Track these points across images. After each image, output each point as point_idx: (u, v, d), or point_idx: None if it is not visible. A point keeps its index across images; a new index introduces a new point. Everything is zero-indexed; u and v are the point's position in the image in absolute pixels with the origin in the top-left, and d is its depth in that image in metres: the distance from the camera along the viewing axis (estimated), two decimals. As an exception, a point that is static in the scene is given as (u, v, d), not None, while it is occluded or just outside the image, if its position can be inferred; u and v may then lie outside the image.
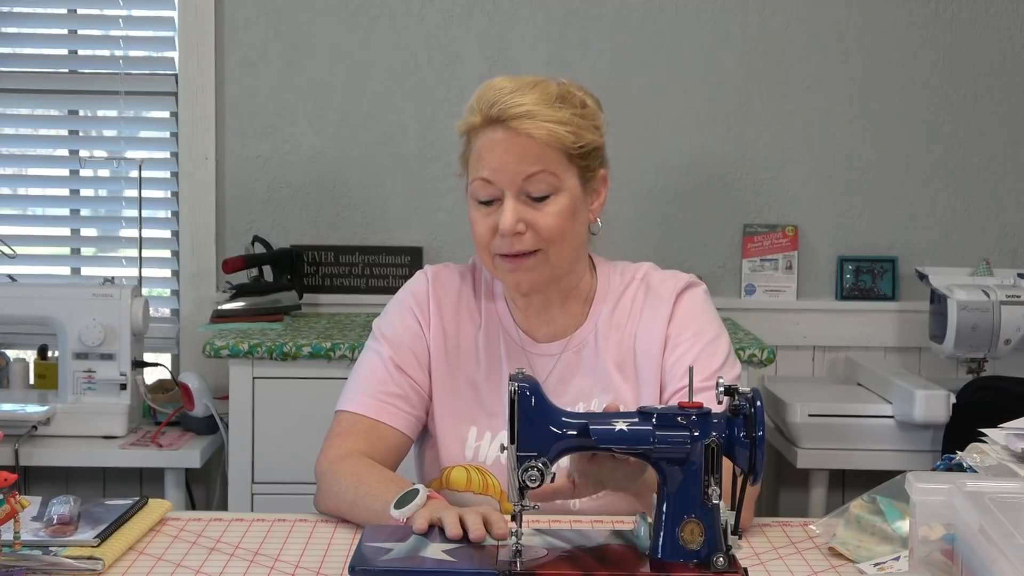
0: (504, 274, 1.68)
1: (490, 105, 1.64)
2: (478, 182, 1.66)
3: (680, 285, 1.74)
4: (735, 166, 3.16)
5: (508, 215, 1.62)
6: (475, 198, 1.68)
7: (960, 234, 3.17)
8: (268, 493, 2.65)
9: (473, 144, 1.68)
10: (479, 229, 1.67)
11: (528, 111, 1.62)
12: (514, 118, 1.62)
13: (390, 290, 3.10)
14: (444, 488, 1.71)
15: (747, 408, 1.35)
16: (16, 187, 3.33)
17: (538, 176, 1.63)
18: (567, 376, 1.74)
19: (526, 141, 1.62)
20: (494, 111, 1.64)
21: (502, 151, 1.63)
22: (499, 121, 1.63)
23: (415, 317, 1.76)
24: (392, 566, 1.36)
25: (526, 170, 1.62)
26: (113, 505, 1.58)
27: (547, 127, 1.62)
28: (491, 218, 1.65)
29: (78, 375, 2.70)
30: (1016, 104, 3.16)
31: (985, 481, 1.32)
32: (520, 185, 1.63)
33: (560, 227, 1.64)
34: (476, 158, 1.67)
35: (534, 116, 1.62)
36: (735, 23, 3.14)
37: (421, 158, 3.15)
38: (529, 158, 1.62)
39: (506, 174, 1.63)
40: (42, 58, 3.23)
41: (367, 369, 1.75)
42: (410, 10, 3.13)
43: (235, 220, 3.15)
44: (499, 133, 1.63)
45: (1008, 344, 2.74)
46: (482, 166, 1.65)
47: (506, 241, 1.63)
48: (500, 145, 1.63)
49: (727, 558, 1.35)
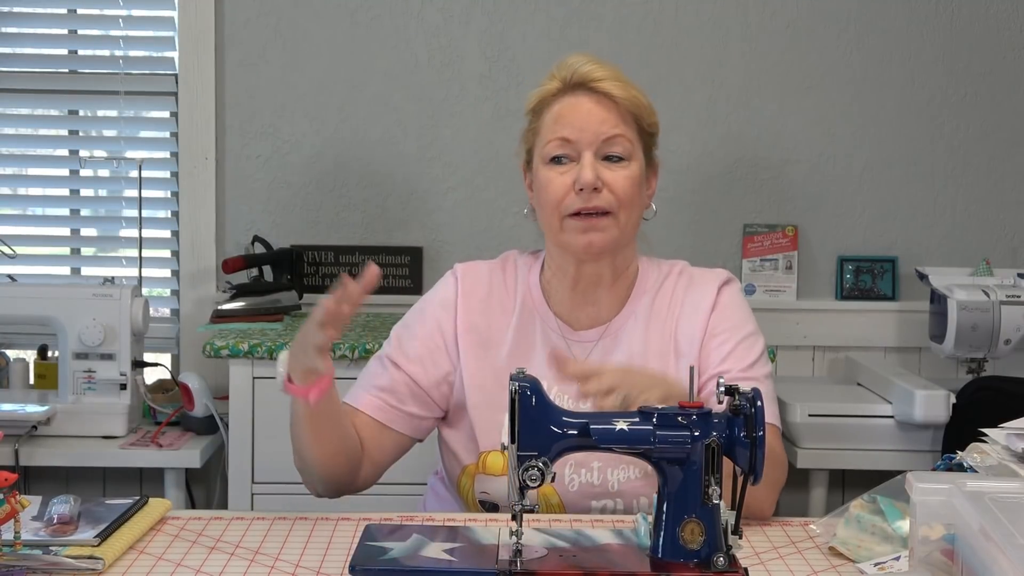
0: (575, 234, 1.70)
1: (572, 72, 1.71)
2: (555, 141, 1.70)
3: (723, 278, 1.81)
4: (735, 166, 3.16)
5: (588, 169, 1.67)
6: (549, 156, 1.71)
7: (960, 234, 3.17)
8: (268, 493, 2.65)
9: (547, 111, 1.73)
10: (554, 186, 1.69)
11: (611, 74, 1.71)
12: (598, 80, 1.70)
13: (390, 290, 3.13)
14: (481, 472, 1.73)
15: (747, 408, 1.35)
16: (16, 187, 3.33)
17: (616, 139, 1.69)
18: (607, 361, 1.75)
19: (608, 104, 1.70)
20: (576, 76, 1.71)
21: (584, 111, 1.69)
22: (581, 85, 1.71)
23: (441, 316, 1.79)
24: (392, 566, 1.36)
25: (607, 131, 1.69)
26: (113, 504, 1.58)
27: (631, 92, 1.71)
28: (566, 176, 1.69)
29: (78, 375, 2.70)
30: (1016, 104, 3.16)
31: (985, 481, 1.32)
32: (599, 145, 1.69)
33: (632, 191, 1.71)
34: (553, 120, 1.71)
35: (617, 79, 1.71)
36: (735, 23, 3.14)
37: (421, 158, 3.15)
38: (610, 120, 1.69)
39: (587, 133, 1.68)
40: (42, 58, 3.23)
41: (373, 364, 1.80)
42: (410, 10, 3.13)
43: (235, 220, 3.15)
44: (581, 96, 1.71)
45: (1008, 344, 2.74)
46: (561, 126, 1.70)
47: (582, 196, 1.67)
48: (583, 106, 1.70)
49: (727, 558, 1.35)
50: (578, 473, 1.69)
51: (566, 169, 1.69)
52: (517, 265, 1.84)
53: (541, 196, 1.72)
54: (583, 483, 1.69)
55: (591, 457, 1.69)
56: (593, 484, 1.69)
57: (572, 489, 1.70)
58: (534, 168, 1.75)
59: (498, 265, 1.84)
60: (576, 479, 1.69)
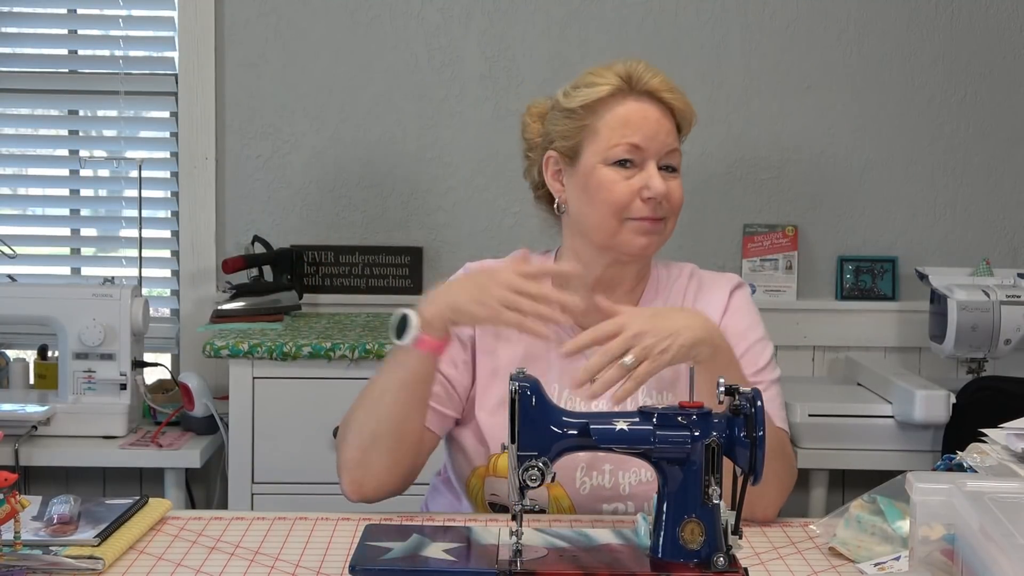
0: (634, 236, 1.72)
1: (638, 78, 1.73)
2: (624, 146, 1.71)
3: (734, 283, 1.82)
4: (735, 166, 3.16)
5: (658, 180, 1.70)
6: (615, 159, 1.71)
7: (960, 234, 3.17)
8: (268, 493, 2.65)
9: (608, 111, 1.73)
10: (619, 190, 1.71)
11: (672, 87, 1.75)
12: (664, 91, 1.74)
13: (390, 290, 3.13)
14: (491, 475, 1.72)
15: (747, 408, 1.35)
16: (16, 187, 3.33)
17: (675, 152, 1.75)
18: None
19: (670, 115, 1.74)
20: (645, 85, 1.73)
21: (653, 121, 1.72)
22: (646, 92, 1.73)
23: None
24: (392, 566, 1.36)
25: (672, 143, 1.73)
26: (113, 504, 1.58)
27: (688, 104, 1.76)
28: (633, 181, 1.71)
29: (78, 375, 2.70)
30: (1016, 104, 3.16)
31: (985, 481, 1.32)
32: (662, 156, 1.72)
33: (682, 201, 1.75)
34: (621, 123, 1.72)
35: (675, 91, 1.75)
36: (735, 23, 3.14)
37: (421, 158, 3.15)
38: (673, 133, 1.74)
39: (656, 142, 1.71)
40: (42, 58, 3.23)
41: None
42: (410, 10, 3.13)
43: (235, 220, 3.15)
44: (646, 103, 1.73)
45: (1008, 344, 2.74)
46: (632, 131, 1.71)
47: (650, 205, 1.70)
48: (651, 115, 1.72)
49: (727, 558, 1.35)
50: (589, 476, 1.69)
51: (631, 174, 1.71)
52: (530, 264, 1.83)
53: (599, 196, 1.71)
54: (594, 486, 1.69)
55: (602, 460, 1.69)
56: (604, 487, 1.69)
57: (583, 492, 1.69)
58: (583, 166, 1.73)
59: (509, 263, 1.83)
60: (588, 482, 1.69)
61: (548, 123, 1.78)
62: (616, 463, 1.69)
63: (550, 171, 1.78)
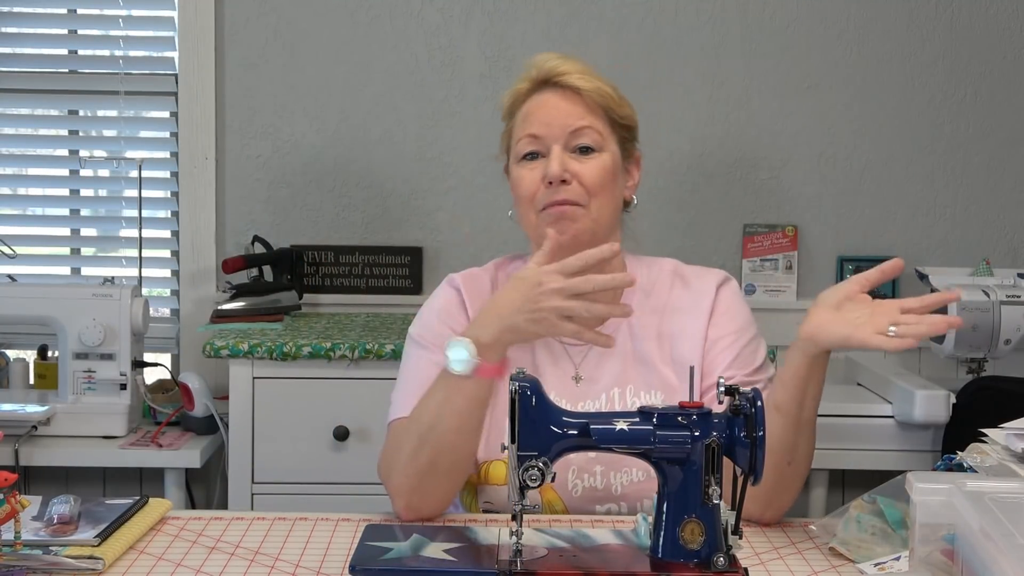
0: (548, 225, 1.68)
1: (539, 70, 1.72)
2: (525, 139, 1.71)
3: (720, 278, 1.79)
4: (735, 166, 3.16)
5: (555, 162, 1.68)
6: (520, 154, 1.72)
7: (960, 234, 3.17)
8: (268, 493, 2.65)
9: (519, 112, 1.74)
10: (525, 182, 1.71)
11: (577, 69, 1.72)
12: (563, 74, 1.71)
13: (390, 290, 3.13)
14: (483, 483, 1.71)
15: (747, 408, 1.35)
16: (16, 187, 3.33)
17: (584, 131, 1.70)
18: (600, 363, 1.75)
19: (574, 96, 1.71)
20: (542, 73, 1.72)
21: (551, 107, 1.71)
22: (547, 82, 1.72)
23: (455, 321, 1.76)
24: (392, 566, 1.36)
25: (573, 123, 1.70)
26: (113, 504, 1.58)
27: (596, 84, 1.72)
28: (536, 171, 1.70)
29: (78, 375, 2.70)
30: (1016, 104, 3.16)
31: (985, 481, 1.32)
32: (567, 138, 1.70)
33: (603, 180, 1.70)
34: (523, 119, 1.73)
35: (583, 73, 1.72)
36: (735, 23, 3.14)
37: (421, 158, 3.15)
38: (576, 113, 1.70)
39: (554, 128, 1.69)
40: (42, 58, 3.23)
41: (417, 375, 1.71)
42: (410, 10, 3.13)
43: (235, 220, 3.15)
44: (547, 92, 1.72)
45: (1008, 344, 2.73)
46: (530, 123, 1.71)
47: (553, 189, 1.68)
48: (549, 102, 1.71)
49: (727, 558, 1.35)
50: (581, 478, 1.69)
51: (536, 165, 1.70)
52: (508, 271, 1.82)
53: (515, 193, 1.73)
54: (586, 488, 1.69)
55: (593, 462, 1.69)
56: (596, 489, 1.69)
57: (576, 494, 1.69)
58: (510, 168, 1.76)
59: (491, 271, 1.83)
60: (579, 484, 1.69)
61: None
62: (607, 464, 1.69)
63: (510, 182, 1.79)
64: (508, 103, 1.76)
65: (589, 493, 1.69)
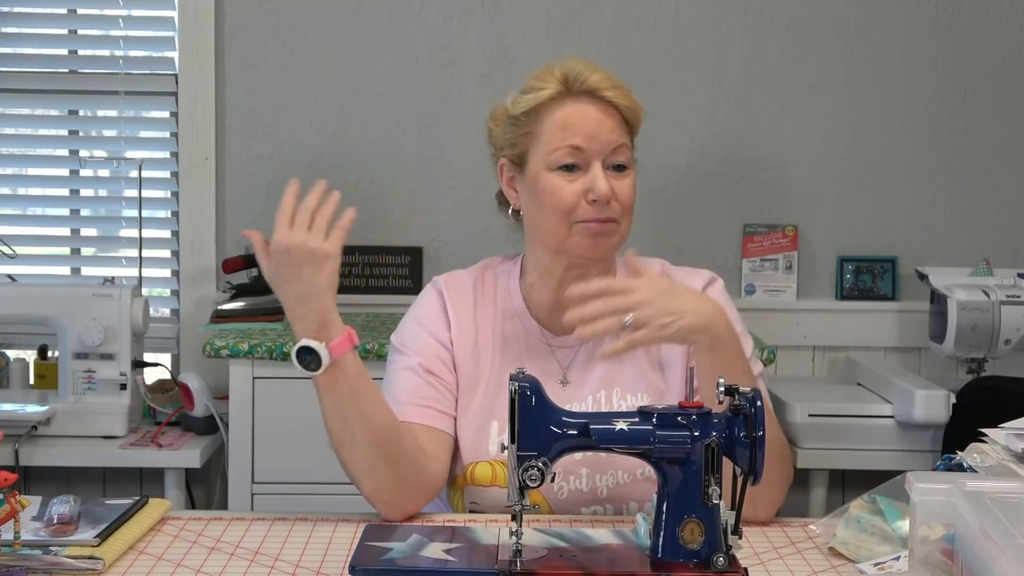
0: (584, 238, 1.69)
1: (576, 78, 1.70)
2: (565, 149, 1.68)
3: (706, 278, 1.80)
4: (735, 166, 3.16)
5: (604, 181, 1.67)
6: (557, 164, 1.69)
7: (960, 234, 3.17)
8: (268, 493, 2.65)
9: (548, 116, 1.70)
10: (564, 194, 1.68)
11: (613, 82, 1.71)
12: (604, 89, 1.69)
13: (390, 290, 3.13)
14: (470, 484, 1.72)
15: (747, 408, 1.35)
16: (16, 187, 3.33)
17: (622, 149, 1.70)
18: (588, 366, 1.75)
19: (613, 112, 1.70)
20: (583, 84, 1.69)
21: (594, 120, 1.68)
22: (585, 92, 1.69)
23: (435, 325, 1.76)
24: (392, 566, 1.36)
25: (616, 140, 1.69)
26: (113, 505, 1.58)
27: (631, 100, 1.71)
28: (577, 184, 1.68)
29: (78, 375, 2.70)
30: (1016, 104, 3.16)
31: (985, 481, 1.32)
32: (607, 155, 1.68)
33: (632, 201, 1.71)
34: (560, 127, 1.69)
35: (617, 87, 1.70)
36: (735, 23, 3.14)
37: (421, 158, 3.15)
38: (618, 129, 1.69)
39: (598, 142, 1.68)
40: (42, 58, 3.23)
41: (398, 380, 1.74)
42: (410, 10, 3.13)
43: (235, 220, 3.15)
44: (587, 103, 1.69)
45: (1008, 344, 2.74)
46: (571, 133, 1.68)
47: (596, 207, 1.67)
48: (591, 114, 1.69)
49: (727, 558, 1.35)
50: (567, 480, 1.69)
51: (575, 177, 1.68)
52: (497, 273, 1.82)
53: (546, 201, 1.69)
54: (572, 490, 1.69)
55: (579, 464, 1.69)
56: (582, 491, 1.69)
57: (562, 496, 1.70)
58: (531, 172, 1.71)
59: (478, 273, 1.83)
60: (565, 486, 1.69)
61: (500, 130, 1.78)
62: (592, 466, 1.69)
63: (504, 178, 1.78)
64: (533, 104, 1.70)
65: (575, 495, 1.69)
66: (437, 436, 1.71)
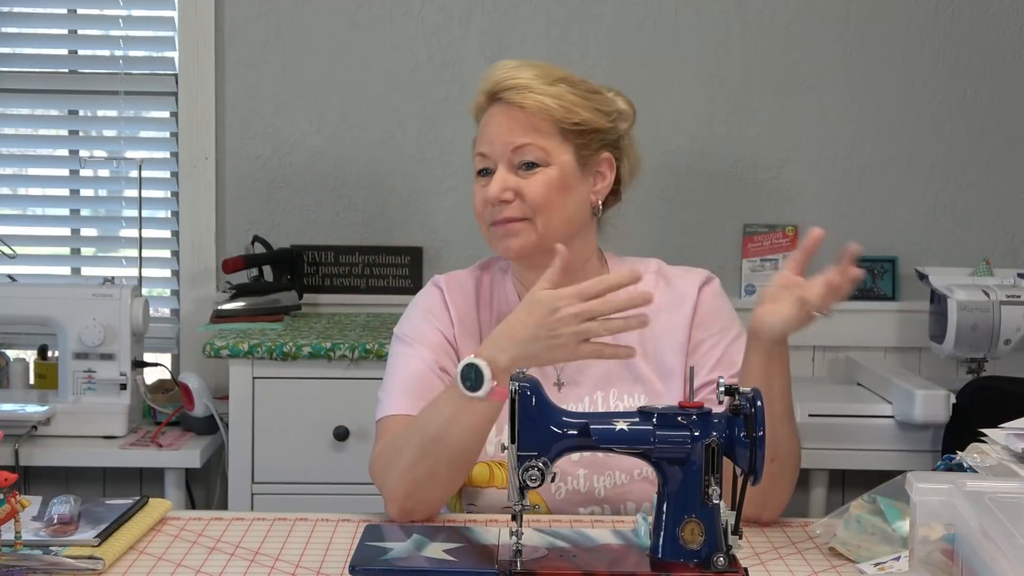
0: (496, 240, 1.73)
1: (491, 82, 1.73)
2: (477, 157, 1.75)
3: (702, 278, 1.80)
4: (735, 166, 3.16)
5: (494, 184, 1.70)
6: (475, 171, 1.75)
7: (960, 234, 3.17)
8: (268, 493, 2.65)
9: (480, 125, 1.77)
10: (476, 200, 1.74)
11: (523, 84, 1.71)
12: (507, 90, 1.71)
13: (390, 290, 3.13)
14: (467, 485, 1.71)
15: (747, 408, 1.35)
16: (16, 187, 3.33)
17: (526, 148, 1.70)
18: (583, 367, 1.75)
19: (516, 112, 1.71)
20: (492, 86, 1.73)
21: (495, 124, 1.72)
22: (495, 96, 1.73)
23: (441, 322, 1.77)
24: (392, 566, 1.36)
25: (515, 140, 1.70)
26: (113, 505, 1.58)
27: (537, 99, 1.70)
28: (485, 189, 1.72)
29: (78, 375, 2.70)
30: (1016, 104, 3.16)
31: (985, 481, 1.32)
32: (509, 156, 1.70)
33: (546, 196, 1.69)
34: (479, 135, 1.76)
35: (526, 88, 1.70)
36: (735, 23, 3.14)
37: (421, 158, 3.15)
38: (518, 130, 1.70)
39: (497, 145, 1.71)
40: (42, 58, 3.23)
41: (405, 371, 1.73)
42: (410, 10, 3.13)
43: (235, 220, 3.15)
44: (496, 108, 1.73)
45: (1008, 344, 2.73)
46: (481, 141, 1.75)
47: (495, 208, 1.70)
48: (494, 118, 1.73)
49: (727, 558, 1.35)
50: (564, 481, 1.69)
51: (486, 182, 1.72)
52: (493, 273, 1.83)
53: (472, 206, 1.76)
54: (569, 491, 1.69)
55: (576, 465, 1.69)
56: (579, 491, 1.69)
57: (559, 497, 1.70)
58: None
59: (476, 273, 1.84)
60: (563, 487, 1.69)
61: None
62: (590, 467, 1.69)
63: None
64: (474, 114, 1.79)
65: (572, 496, 1.69)
66: None
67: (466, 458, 1.61)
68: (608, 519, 1.66)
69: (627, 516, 1.68)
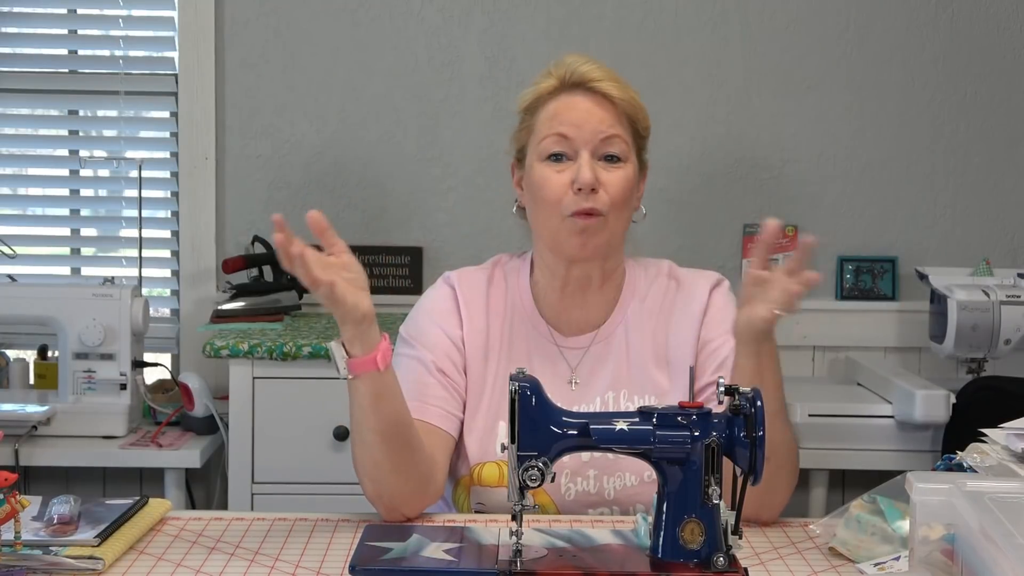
0: (571, 234, 1.67)
1: (570, 71, 1.70)
2: (552, 137, 1.68)
3: (713, 280, 1.80)
4: (735, 166, 3.16)
5: (587, 169, 1.65)
6: (546, 153, 1.69)
7: (960, 234, 3.17)
8: (268, 493, 2.65)
9: (543, 109, 1.72)
10: (552, 184, 1.67)
11: (609, 75, 1.70)
12: (596, 80, 1.69)
13: (390, 290, 3.13)
14: (476, 484, 1.71)
15: (747, 408, 1.35)
16: (16, 187, 3.33)
17: (614, 139, 1.68)
18: (596, 367, 1.75)
19: (606, 104, 1.69)
20: (574, 76, 1.70)
21: (583, 110, 1.68)
22: (579, 84, 1.69)
23: (447, 322, 1.76)
24: (392, 566, 1.36)
25: (605, 131, 1.68)
26: (113, 505, 1.58)
27: (627, 92, 1.70)
28: (564, 175, 1.67)
29: (78, 375, 2.70)
30: (1016, 104, 3.16)
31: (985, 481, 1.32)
32: (596, 145, 1.67)
33: (625, 193, 1.69)
34: (550, 117, 1.70)
35: (614, 80, 1.70)
36: (735, 23, 3.14)
37: (421, 158, 3.15)
38: (608, 120, 1.68)
39: (585, 131, 1.67)
40: (42, 58, 3.23)
41: (405, 373, 1.71)
42: (410, 10, 3.13)
43: (235, 220, 3.15)
44: (578, 95, 1.69)
45: (1008, 344, 2.74)
46: (559, 122, 1.68)
47: (582, 196, 1.65)
48: (581, 104, 1.69)
49: (727, 558, 1.35)
50: (574, 482, 1.69)
51: (563, 167, 1.67)
52: (507, 270, 1.82)
53: (537, 194, 1.69)
54: (579, 491, 1.69)
55: (587, 466, 1.69)
56: (589, 492, 1.69)
57: (569, 498, 1.70)
58: (528, 165, 1.72)
59: (488, 270, 1.82)
60: (572, 488, 1.69)
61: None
62: (600, 468, 1.69)
63: (515, 178, 1.79)
64: (531, 99, 1.73)
65: (582, 497, 1.69)
66: (440, 438, 1.70)
67: (389, 435, 1.56)
68: (608, 519, 1.66)
69: (629, 516, 1.68)
